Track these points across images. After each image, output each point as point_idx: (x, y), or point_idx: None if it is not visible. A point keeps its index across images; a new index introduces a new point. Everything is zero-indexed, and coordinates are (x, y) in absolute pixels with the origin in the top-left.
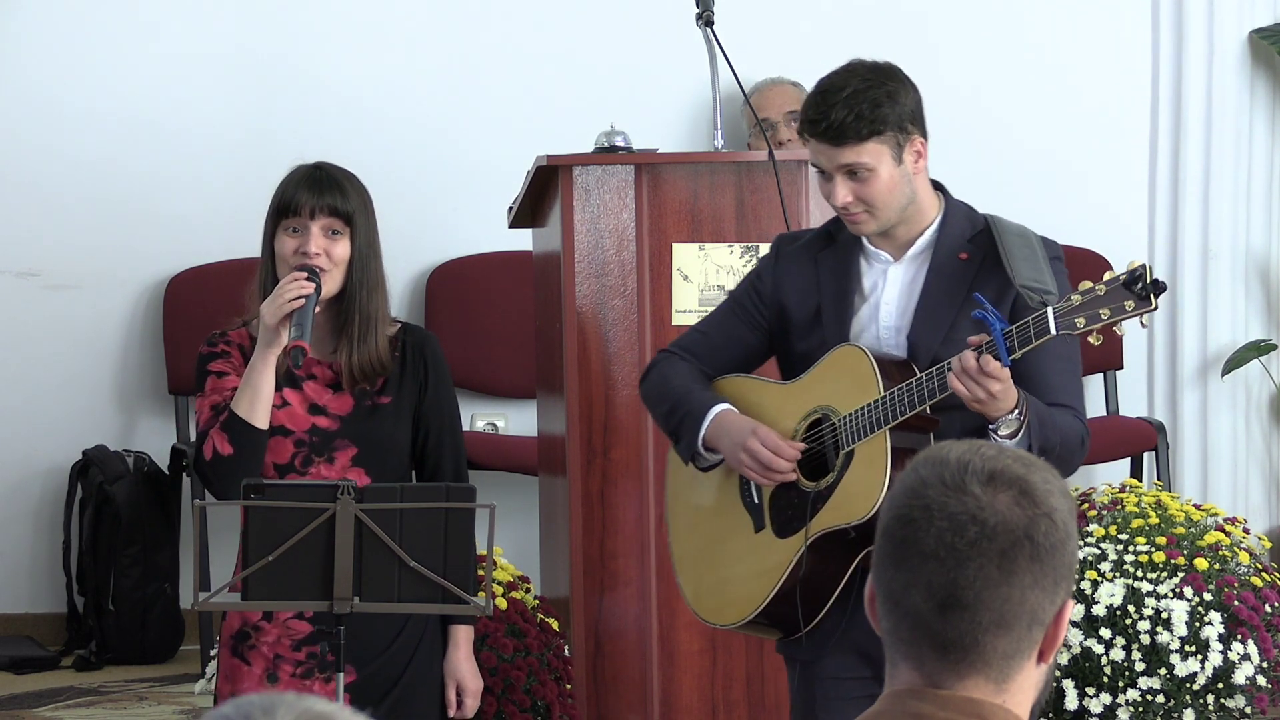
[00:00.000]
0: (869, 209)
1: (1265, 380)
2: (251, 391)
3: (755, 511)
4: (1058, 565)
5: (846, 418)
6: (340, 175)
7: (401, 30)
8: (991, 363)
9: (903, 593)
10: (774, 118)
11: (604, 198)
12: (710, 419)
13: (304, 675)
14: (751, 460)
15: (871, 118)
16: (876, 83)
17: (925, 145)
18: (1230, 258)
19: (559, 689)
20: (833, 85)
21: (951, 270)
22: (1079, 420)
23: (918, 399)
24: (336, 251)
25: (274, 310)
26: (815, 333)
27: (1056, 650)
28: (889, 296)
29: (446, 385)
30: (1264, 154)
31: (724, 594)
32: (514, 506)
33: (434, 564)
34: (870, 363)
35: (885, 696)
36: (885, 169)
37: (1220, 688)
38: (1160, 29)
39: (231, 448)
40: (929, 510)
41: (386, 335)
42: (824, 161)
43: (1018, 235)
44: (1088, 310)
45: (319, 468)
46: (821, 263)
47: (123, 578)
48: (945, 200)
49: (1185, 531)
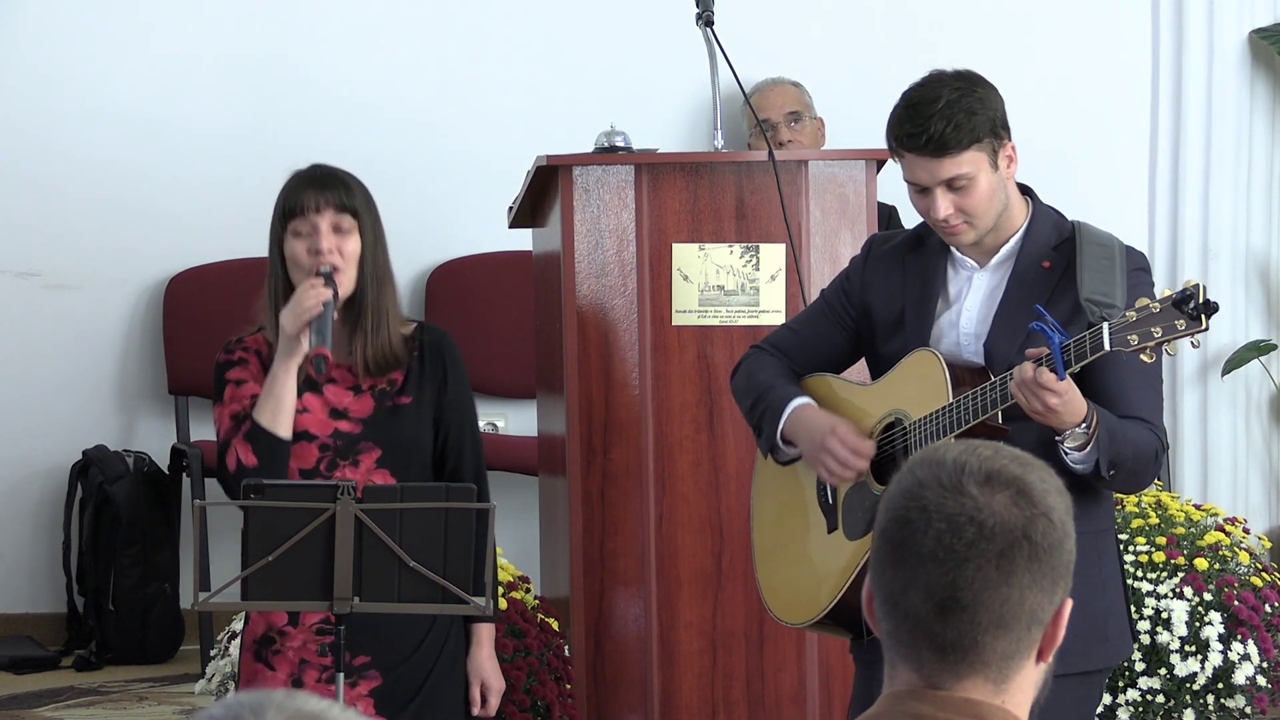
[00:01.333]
0: (969, 219)
1: (1265, 380)
2: (274, 401)
3: (830, 512)
4: (1056, 565)
5: (917, 423)
6: (340, 172)
7: (401, 30)
8: (1047, 375)
9: (901, 594)
10: (774, 118)
11: (604, 198)
12: (789, 412)
13: (329, 681)
14: (829, 457)
15: (969, 126)
16: (967, 90)
17: (1015, 149)
18: (1230, 257)
19: (559, 689)
20: (924, 98)
21: (1033, 278)
22: (1155, 435)
23: (982, 408)
24: (348, 248)
25: (294, 318)
26: (899, 335)
27: (1055, 650)
28: (971, 303)
29: (464, 384)
30: (1264, 154)
31: (794, 593)
32: (514, 506)
33: (434, 564)
34: (942, 368)
35: (884, 698)
36: (984, 177)
37: (1220, 688)
38: (1160, 29)
39: (256, 458)
40: (926, 511)
41: (399, 329)
42: (923, 176)
43: (1099, 245)
44: (1141, 328)
45: (344, 471)
46: (908, 265)
47: (123, 578)
48: (1033, 205)
49: (1185, 532)
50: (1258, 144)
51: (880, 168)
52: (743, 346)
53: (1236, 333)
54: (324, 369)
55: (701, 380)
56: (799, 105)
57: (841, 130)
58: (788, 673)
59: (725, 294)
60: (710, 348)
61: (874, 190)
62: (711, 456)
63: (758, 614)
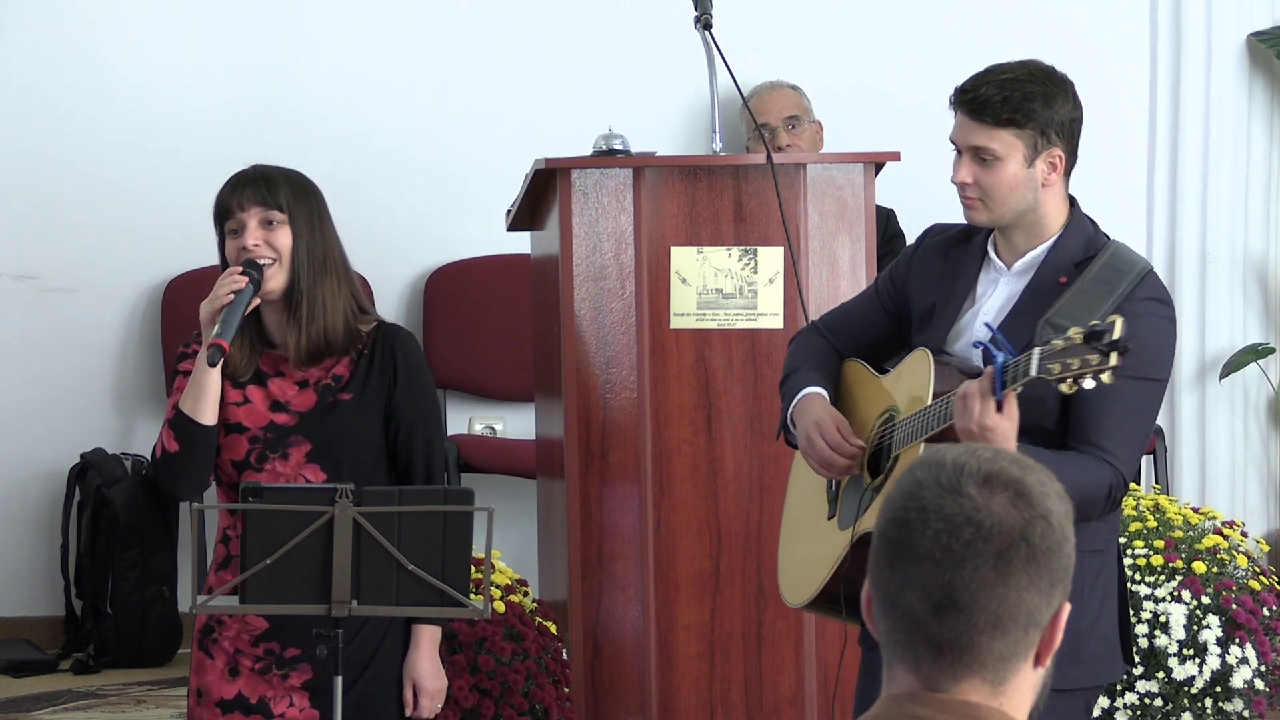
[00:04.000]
0: (984, 197)
1: (1263, 384)
2: (196, 388)
3: (833, 499)
4: (1054, 567)
5: (901, 421)
6: (270, 169)
7: (400, 35)
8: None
9: (899, 594)
10: (773, 122)
11: (602, 201)
12: (797, 401)
13: (262, 671)
14: (812, 450)
15: (1017, 107)
16: (1039, 80)
17: (1064, 161)
18: (1228, 261)
19: (557, 692)
20: (999, 67)
21: (1046, 291)
22: (1110, 467)
23: (945, 416)
24: (277, 241)
25: (208, 305)
26: (926, 329)
27: (1053, 653)
28: (990, 306)
29: (418, 381)
30: (1262, 157)
31: (795, 574)
32: (512, 510)
33: (432, 567)
34: (929, 369)
35: (883, 700)
36: (1013, 164)
37: (1218, 691)
38: (1158, 32)
39: (177, 444)
40: (925, 512)
41: (344, 319)
42: (958, 136)
43: (1113, 269)
44: (1065, 358)
45: (274, 464)
46: (950, 259)
47: (120, 581)
48: (1071, 217)
49: (1183, 535)
50: (1255, 147)
51: (879, 171)
52: (741, 350)
53: (1234, 336)
54: (217, 359)
55: (699, 383)
56: (797, 109)
57: (840, 134)
58: (786, 676)
59: (723, 297)
60: (708, 351)
61: (872, 193)
62: (709, 460)
63: (755, 617)
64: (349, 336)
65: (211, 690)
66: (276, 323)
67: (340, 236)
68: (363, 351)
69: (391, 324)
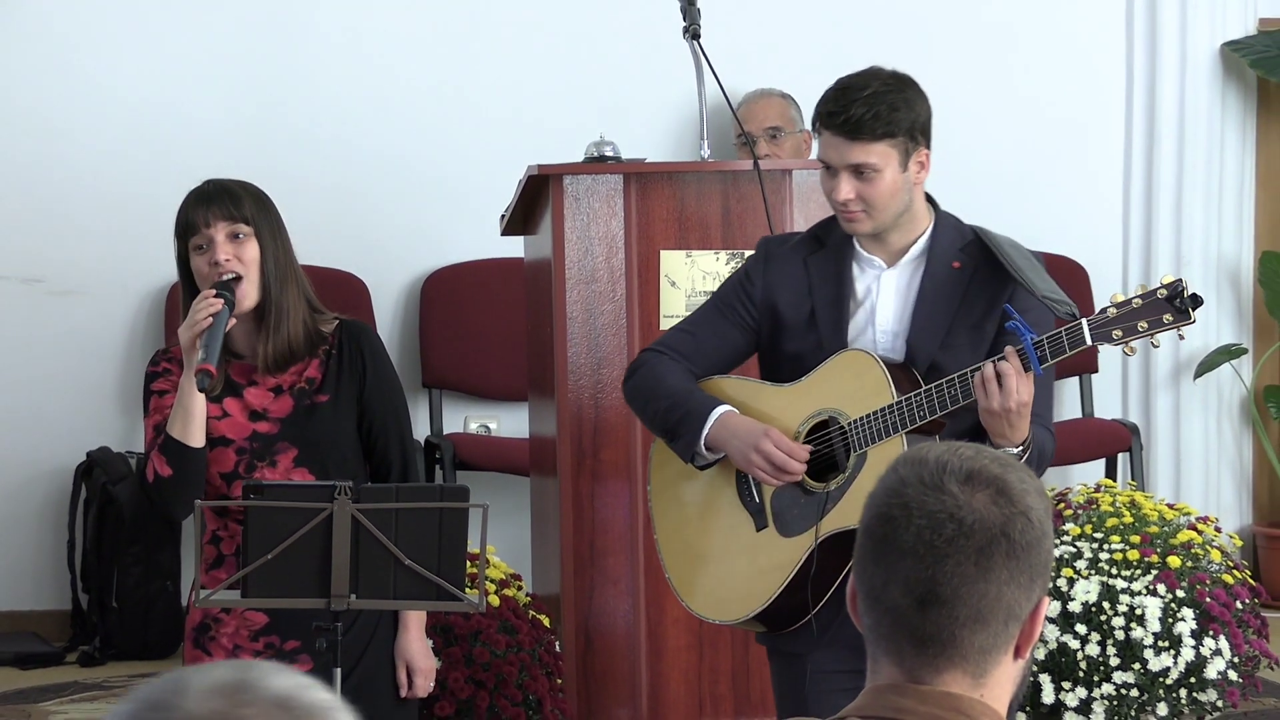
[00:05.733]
0: (868, 209)
1: (1236, 383)
2: (184, 413)
3: (757, 511)
4: (1034, 562)
5: (858, 421)
6: (230, 183)
7: (397, 45)
8: (1007, 368)
9: (883, 589)
10: (755, 132)
11: (594, 206)
12: (714, 420)
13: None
14: (764, 461)
15: (888, 119)
16: (896, 88)
17: (929, 159)
18: (1202, 264)
19: (550, 684)
20: (854, 84)
21: (946, 277)
22: (1048, 431)
23: (939, 405)
24: (245, 254)
25: (186, 330)
26: (810, 335)
27: (1033, 646)
28: (885, 301)
29: (386, 373)
30: (1235, 163)
31: (723, 591)
32: (506, 506)
33: (428, 562)
34: (881, 369)
35: (867, 691)
36: (890, 172)
37: (1193, 682)
38: (1134, 41)
39: (170, 469)
40: (908, 509)
41: (304, 323)
42: (833, 156)
43: (1013, 247)
44: (1124, 323)
45: (263, 472)
46: (812, 266)
47: (125, 575)
48: (936, 211)
49: (1158, 530)
50: (1229, 154)
51: None
52: None
53: (1209, 337)
54: (206, 384)
55: None
56: (781, 119)
57: None
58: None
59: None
60: None
61: None
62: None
63: None
64: (313, 338)
65: None
66: (244, 332)
67: (339, 241)
68: (330, 351)
69: (353, 321)
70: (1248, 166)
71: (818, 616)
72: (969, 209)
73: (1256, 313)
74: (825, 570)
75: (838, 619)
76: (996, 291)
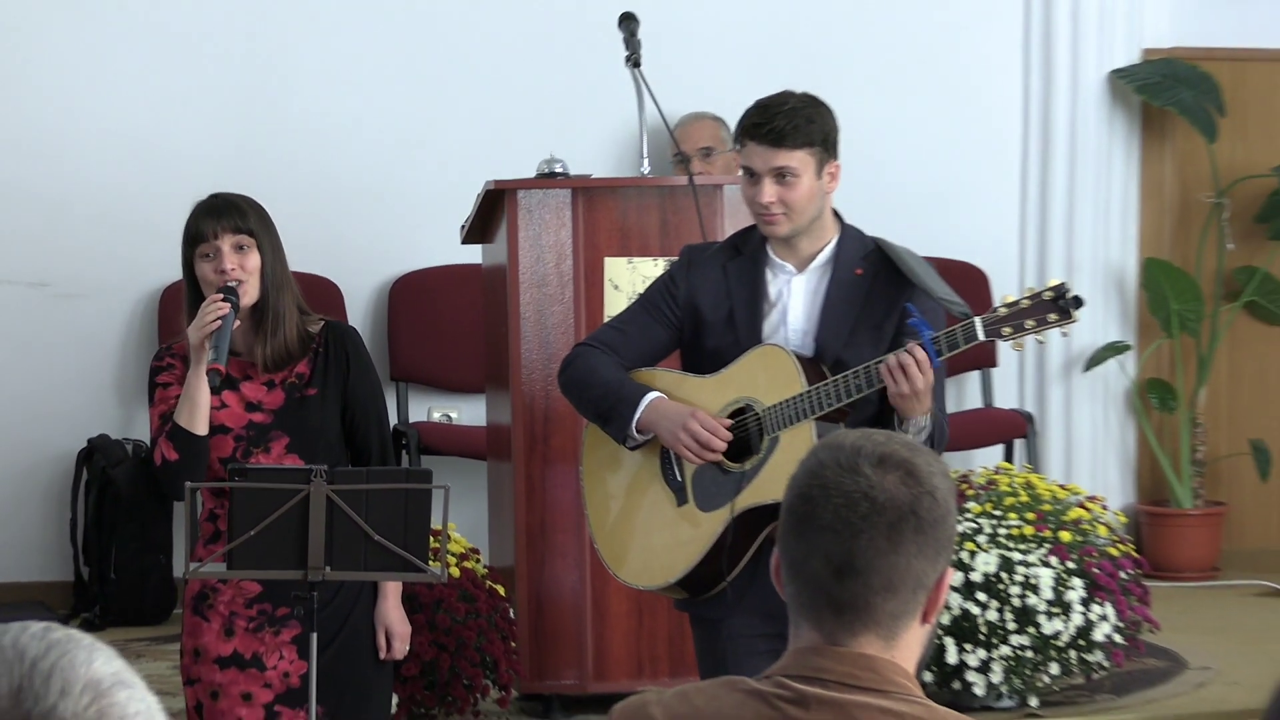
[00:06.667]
0: (787, 211)
1: (1121, 376)
2: (190, 404)
3: (678, 489)
4: (939, 537)
5: (772, 408)
6: (236, 198)
7: (369, 75)
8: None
9: (804, 561)
10: (690, 152)
11: (544, 217)
12: (645, 404)
13: (255, 629)
14: (690, 439)
15: (806, 131)
16: (810, 104)
17: (839, 170)
18: (1091, 270)
19: (505, 646)
20: (774, 101)
21: (849, 282)
22: (944, 418)
23: (845, 394)
24: (249, 264)
25: (197, 331)
26: (728, 333)
27: (938, 612)
28: (795, 303)
29: (368, 371)
30: (1120, 179)
31: (647, 560)
32: (466, 487)
33: (395, 538)
34: (793, 361)
35: (789, 653)
36: (808, 178)
37: (1082, 644)
38: (1030, 69)
39: (177, 454)
40: (826, 489)
41: (300, 327)
42: (758, 163)
43: (910, 255)
44: (1013, 321)
45: (258, 457)
46: (731, 271)
47: (122, 550)
48: (841, 223)
49: (1051, 508)
50: (1115, 170)
51: None
52: None
53: (1096, 334)
54: (217, 381)
55: None
56: (713, 140)
57: None
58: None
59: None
60: None
61: None
62: None
63: None
64: (303, 338)
65: (209, 649)
66: (242, 332)
67: (316, 248)
68: (318, 350)
69: (338, 322)
70: (1132, 181)
71: (733, 584)
72: (881, 219)
73: (1140, 313)
74: (739, 542)
75: (752, 587)
76: (896, 295)
